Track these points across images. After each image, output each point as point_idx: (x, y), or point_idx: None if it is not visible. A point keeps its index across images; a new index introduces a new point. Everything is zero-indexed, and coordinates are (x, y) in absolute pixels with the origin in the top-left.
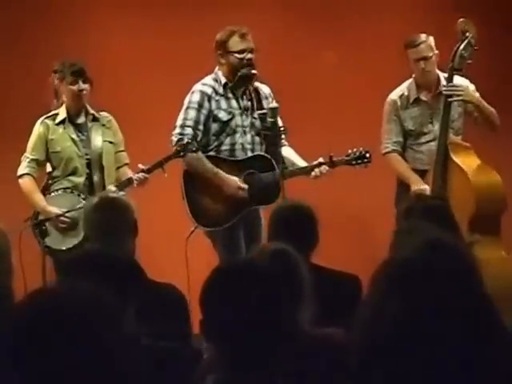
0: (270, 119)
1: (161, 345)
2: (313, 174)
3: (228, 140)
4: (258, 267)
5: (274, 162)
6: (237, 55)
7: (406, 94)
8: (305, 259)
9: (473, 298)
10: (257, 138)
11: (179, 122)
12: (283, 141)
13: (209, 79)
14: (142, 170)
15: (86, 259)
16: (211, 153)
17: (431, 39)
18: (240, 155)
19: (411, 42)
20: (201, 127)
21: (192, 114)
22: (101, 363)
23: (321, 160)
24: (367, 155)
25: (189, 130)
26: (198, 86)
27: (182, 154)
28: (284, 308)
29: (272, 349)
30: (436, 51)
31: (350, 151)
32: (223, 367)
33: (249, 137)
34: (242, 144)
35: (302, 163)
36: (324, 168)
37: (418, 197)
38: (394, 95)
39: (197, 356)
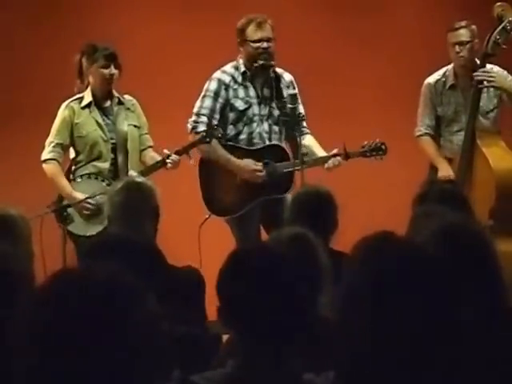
0: (289, 105)
1: (181, 330)
2: (326, 165)
3: (246, 129)
4: (272, 252)
5: (292, 150)
6: (253, 44)
7: (443, 79)
8: (324, 244)
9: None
10: (275, 127)
11: (195, 109)
12: (305, 129)
13: (229, 67)
14: (176, 152)
15: (107, 243)
16: (228, 142)
17: (474, 27)
18: (258, 144)
19: (451, 26)
20: (217, 116)
21: (208, 102)
22: (122, 346)
23: (335, 151)
24: (383, 147)
25: (204, 118)
26: (216, 74)
27: (207, 140)
28: (302, 293)
29: (290, 334)
30: (476, 40)
31: (365, 143)
32: (242, 352)
33: (266, 126)
34: (260, 133)
35: (321, 153)
36: (337, 160)
37: (431, 182)
38: (431, 79)
39: (216, 340)
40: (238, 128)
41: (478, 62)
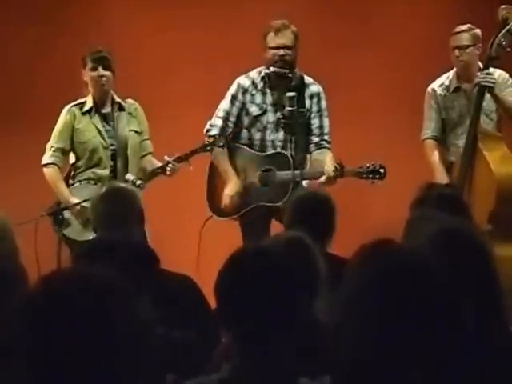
0: (288, 108)
1: (174, 333)
2: (321, 179)
3: (258, 135)
4: (271, 255)
5: (292, 156)
6: (271, 51)
7: (446, 83)
8: (321, 248)
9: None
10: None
11: (216, 111)
12: (324, 142)
13: (254, 72)
14: (177, 158)
15: (102, 246)
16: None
17: (476, 31)
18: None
19: (453, 30)
20: (232, 119)
21: (225, 105)
22: (114, 349)
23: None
24: (381, 171)
25: (218, 122)
26: (239, 78)
27: (209, 148)
28: (298, 297)
29: (286, 338)
30: (479, 44)
31: (366, 164)
32: (238, 356)
33: (281, 134)
34: (273, 141)
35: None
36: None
37: (429, 186)
38: (435, 84)
39: (212, 344)
40: (251, 134)
41: (481, 65)
